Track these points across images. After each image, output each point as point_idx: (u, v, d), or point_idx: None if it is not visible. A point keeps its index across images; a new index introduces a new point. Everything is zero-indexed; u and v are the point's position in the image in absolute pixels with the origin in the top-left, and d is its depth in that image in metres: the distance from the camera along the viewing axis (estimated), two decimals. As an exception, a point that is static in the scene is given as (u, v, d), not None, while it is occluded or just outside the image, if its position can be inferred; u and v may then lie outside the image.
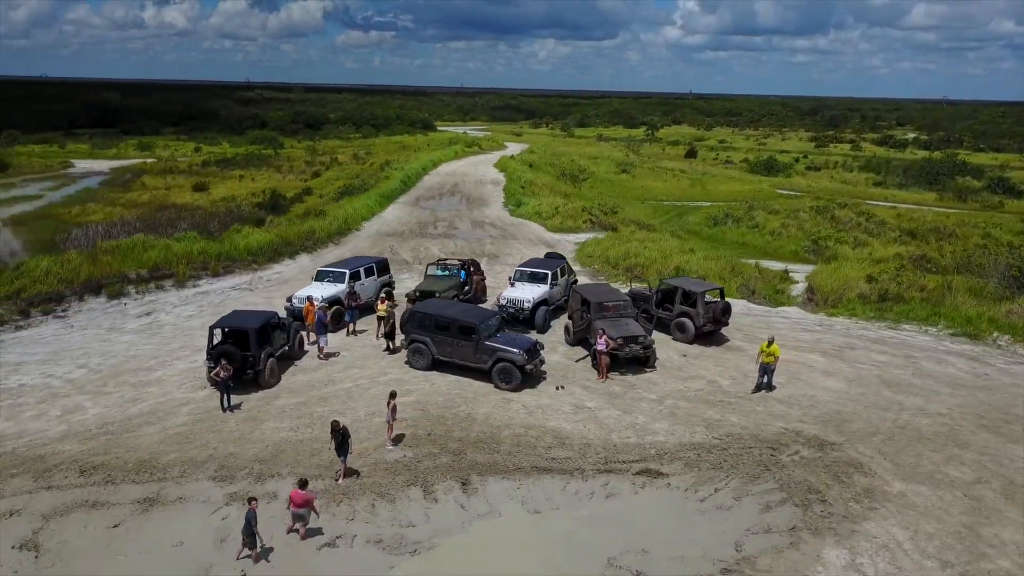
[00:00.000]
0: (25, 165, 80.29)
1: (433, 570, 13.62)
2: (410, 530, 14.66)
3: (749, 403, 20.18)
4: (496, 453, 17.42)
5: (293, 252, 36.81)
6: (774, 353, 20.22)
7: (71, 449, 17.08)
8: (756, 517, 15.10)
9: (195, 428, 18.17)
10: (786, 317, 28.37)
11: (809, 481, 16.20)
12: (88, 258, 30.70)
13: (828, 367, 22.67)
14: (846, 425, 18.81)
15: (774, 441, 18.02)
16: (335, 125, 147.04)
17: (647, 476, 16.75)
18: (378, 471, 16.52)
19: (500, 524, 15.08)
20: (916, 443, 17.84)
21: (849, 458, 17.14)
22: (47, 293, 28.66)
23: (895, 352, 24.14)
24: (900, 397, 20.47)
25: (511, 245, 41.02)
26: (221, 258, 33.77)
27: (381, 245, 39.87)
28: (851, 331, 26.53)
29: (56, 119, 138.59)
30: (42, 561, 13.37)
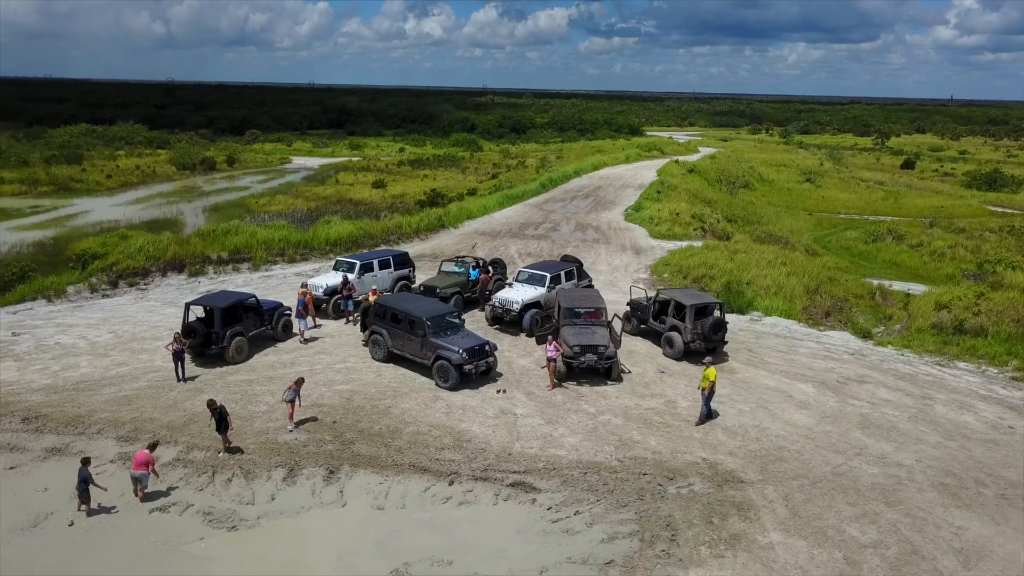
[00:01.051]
0: (250, 160, 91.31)
1: (233, 548, 14.06)
2: (246, 508, 15.19)
3: (689, 428, 18.52)
4: (385, 448, 17.47)
5: (373, 244, 38.61)
6: (708, 377, 18.37)
7: (33, 400, 19.43)
8: (591, 546, 14.03)
9: (142, 393, 19.94)
10: (819, 342, 25.42)
11: (673, 517, 14.69)
12: (177, 239, 34.33)
13: (810, 399, 20.13)
14: (775, 464, 16.72)
15: (677, 471, 16.47)
16: (539, 129, 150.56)
17: (519, 488, 16.05)
18: (262, 450, 17.21)
19: (335, 515, 15.21)
20: (838, 493, 15.49)
21: (743, 499, 15.27)
22: (136, 268, 32.49)
23: (911, 391, 20.87)
24: (868, 441, 17.78)
25: (596, 249, 40.12)
26: (300, 246, 36.29)
27: (465, 243, 40.67)
28: (883, 363, 23.26)
29: (298, 120, 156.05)
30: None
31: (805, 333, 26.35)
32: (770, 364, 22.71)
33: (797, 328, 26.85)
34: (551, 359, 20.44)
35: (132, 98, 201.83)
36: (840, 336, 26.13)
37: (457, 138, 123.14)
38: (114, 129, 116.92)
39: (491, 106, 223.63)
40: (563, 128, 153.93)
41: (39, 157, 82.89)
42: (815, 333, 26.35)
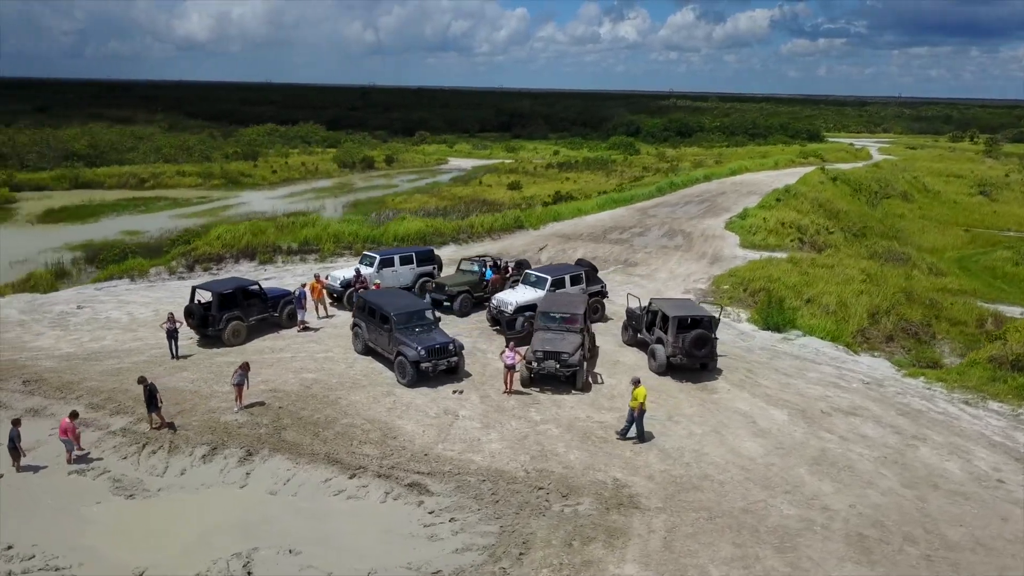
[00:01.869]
0: (409, 161, 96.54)
1: (117, 514, 15.06)
2: (154, 479, 16.24)
3: (622, 446, 17.52)
4: (312, 437, 17.94)
5: (441, 242, 39.40)
6: (636, 397, 17.25)
7: (44, 365, 21.76)
8: (439, 554, 13.78)
9: (134, 367, 21.67)
10: (838, 368, 23.05)
11: (535, 536, 14.06)
12: (253, 229, 36.86)
13: (774, 428, 18.36)
14: (686, 493, 15.50)
15: (576, 488, 15.70)
16: (707, 133, 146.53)
17: (413, 489, 15.99)
18: (200, 427, 18.24)
19: (227, 495, 15.88)
20: (730, 532, 14.13)
21: (622, 526, 14.32)
22: (212, 254, 35.26)
23: (904, 429, 18.47)
24: (809, 479, 16.00)
25: (669, 256, 38.61)
26: (368, 240, 37.73)
27: (536, 245, 40.49)
28: (896, 396, 20.74)
29: (470, 123, 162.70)
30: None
31: (832, 357, 23.95)
32: (759, 387, 20.92)
33: (827, 351, 24.46)
34: (508, 366, 19.97)
35: (330, 101, 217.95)
36: (871, 363, 23.55)
37: (615, 141, 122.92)
38: (295, 129, 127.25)
39: (670, 109, 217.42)
40: (733, 132, 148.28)
41: (221, 154, 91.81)
42: (843, 358, 23.93)
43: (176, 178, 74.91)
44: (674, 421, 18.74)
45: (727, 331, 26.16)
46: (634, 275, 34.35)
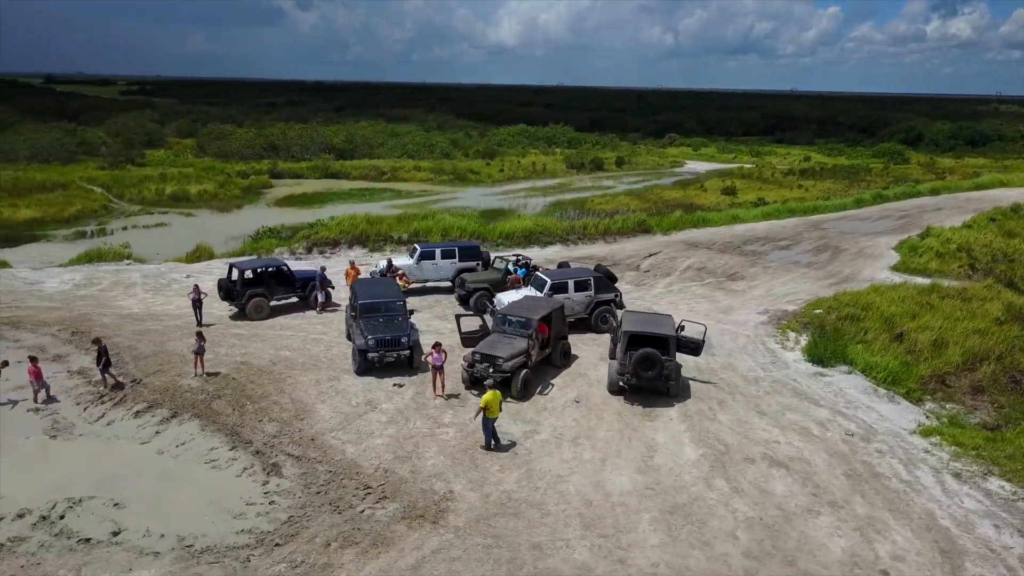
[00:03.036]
0: (641, 163, 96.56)
1: (29, 449, 17.39)
2: (85, 425, 18.54)
3: (490, 460, 16.68)
4: (232, 409, 19.24)
5: (547, 241, 39.13)
6: (484, 403, 16.23)
7: (103, 321, 25.47)
8: (226, 531, 14.26)
9: (160, 328, 24.67)
10: (841, 412, 19.41)
11: (309, 531, 14.08)
12: (370, 219, 39.46)
13: (666, 466, 16.20)
14: (498, 518, 14.46)
15: (399, 493, 15.39)
16: (1006, 143, 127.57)
17: (271, 469, 16.65)
18: (155, 387, 20.40)
19: (124, 447, 17.62)
20: (496, 565, 12.94)
21: (396, 537, 13.83)
22: (330, 238, 38.43)
23: (826, 494, 15.26)
24: (645, 527, 14.04)
25: (788, 274, 34.77)
26: (474, 236, 38.62)
27: (646, 251, 38.62)
28: (867, 455, 17.07)
29: (733, 125, 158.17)
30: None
31: (850, 400, 20.24)
32: (708, 421, 18.45)
33: (856, 393, 20.70)
34: (435, 367, 19.63)
35: (604, 103, 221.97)
36: (899, 412, 19.53)
37: (883, 148, 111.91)
38: (544, 130, 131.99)
39: (990, 115, 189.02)
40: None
41: (462, 152, 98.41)
42: (866, 403, 20.11)
43: (411, 172, 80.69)
44: (575, 443, 17.26)
45: (760, 357, 23.26)
46: (723, 290, 31.47)
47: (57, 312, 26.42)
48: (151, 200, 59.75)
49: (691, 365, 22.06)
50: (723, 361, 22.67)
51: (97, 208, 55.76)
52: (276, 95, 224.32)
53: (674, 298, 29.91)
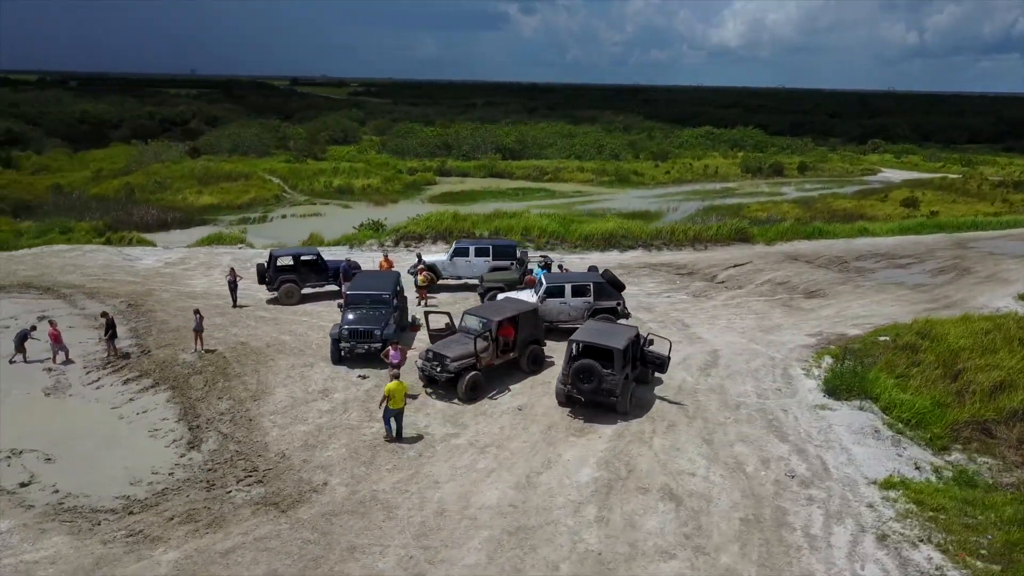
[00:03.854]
0: (829, 170, 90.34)
1: (25, 403, 19.55)
2: (80, 387, 20.55)
3: (388, 458, 16.55)
4: (204, 385, 20.55)
5: (628, 245, 37.73)
6: (386, 393, 16.21)
7: (161, 296, 28.12)
8: (113, 492, 15.36)
9: (183, 304, 26.67)
10: (816, 450, 17.01)
11: (165, 504, 14.78)
12: (455, 216, 40.14)
13: (548, 485, 15.07)
14: (341, 516, 14.34)
15: (277, 479, 15.74)
16: None
17: (193, 443, 17.58)
18: (155, 359, 22.29)
19: (94, 408, 19.36)
20: (283, 558, 12.91)
21: (225, 517, 14.13)
22: (416, 233, 39.65)
23: (696, 538, 13.49)
24: (470, 545, 13.25)
25: (879, 295, 30.86)
26: (554, 236, 38.17)
27: (735, 261, 36.00)
28: (787, 500, 14.83)
29: (956, 132, 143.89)
30: None
31: (830, 438, 17.66)
32: (638, 445, 16.96)
33: (844, 433, 17.95)
34: (393, 364, 19.63)
35: (818, 106, 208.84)
36: (871, 455, 16.80)
37: None
38: (729, 132, 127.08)
39: None
40: None
41: (632, 153, 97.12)
42: (845, 443, 17.45)
43: (573, 173, 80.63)
44: (482, 451, 16.65)
45: (768, 382, 21.02)
46: (787, 307, 28.66)
47: (131, 286, 29.50)
48: (319, 192, 64.19)
49: (675, 383, 20.39)
50: (716, 382, 20.68)
51: (269, 197, 60.90)
52: (486, 96, 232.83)
53: (722, 312, 27.68)
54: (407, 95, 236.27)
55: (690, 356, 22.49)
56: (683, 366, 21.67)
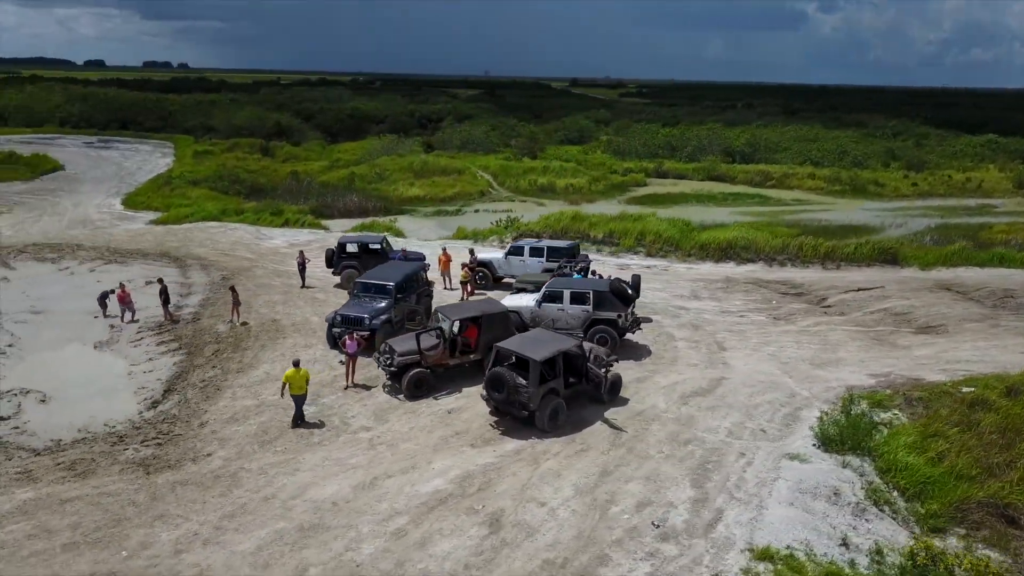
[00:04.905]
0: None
1: (74, 351, 22.86)
2: (121, 344, 23.61)
3: (284, 442, 17.03)
4: (212, 355, 22.47)
5: (746, 258, 34.40)
6: (288, 380, 17.07)
7: (255, 273, 31.02)
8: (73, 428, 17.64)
9: (275, 284, 29.07)
10: (744, 495, 14.58)
11: (74, 452, 16.56)
12: (574, 216, 39.33)
13: (391, 493, 14.48)
14: (185, 488, 15.09)
15: (175, 446, 16.92)
16: None
17: (160, 402, 19.53)
18: (198, 327, 24.79)
19: (116, 362, 22.19)
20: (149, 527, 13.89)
21: (90, 472, 15.49)
22: (532, 231, 39.58)
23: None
24: (275, 538, 13.28)
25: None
26: (667, 243, 35.97)
27: (866, 283, 31.38)
28: (656, 551, 12.78)
29: None
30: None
31: (763, 495, 14.86)
32: (521, 465, 15.58)
33: (790, 493, 14.88)
34: (349, 353, 19.97)
35: None
36: (791, 520, 13.95)
37: None
38: (1020, 141, 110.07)
39: None
40: None
41: (880, 161, 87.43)
42: (779, 500, 14.66)
43: (802, 180, 74.25)
44: (370, 447, 16.51)
45: (757, 419, 18.22)
46: (875, 341, 24.50)
47: (241, 262, 32.89)
48: (522, 189, 64.81)
49: (641, 407, 18.46)
50: (689, 412, 18.33)
51: (474, 192, 62.29)
52: (767, 98, 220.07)
53: (785, 338, 24.32)
54: (677, 96, 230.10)
55: (685, 381, 20.16)
56: (667, 390, 19.51)
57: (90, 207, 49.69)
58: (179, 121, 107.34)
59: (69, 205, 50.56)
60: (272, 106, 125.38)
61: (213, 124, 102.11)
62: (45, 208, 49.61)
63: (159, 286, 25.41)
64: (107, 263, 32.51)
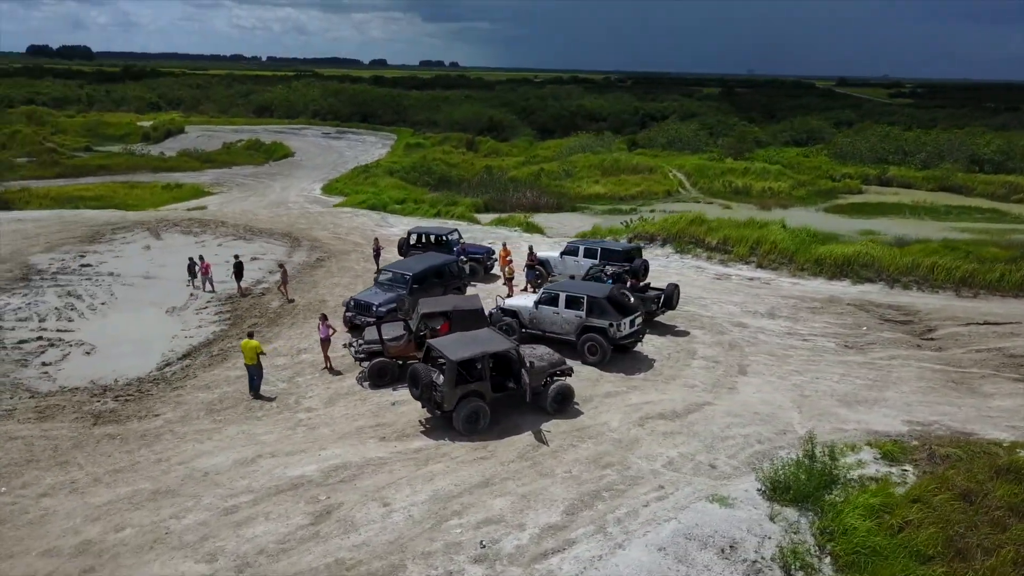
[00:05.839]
0: None
1: (147, 313, 25.86)
2: (188, 311, 26.19)
3: (237, 415, 18.03)
4: (249, 326, 24.22)
5: (865, 277, 30.24)
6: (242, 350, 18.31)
7: (346, 252, 32.94)
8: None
9: (355, 268, 30.66)
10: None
11: (51, 402, 18.86)
12: (691, 219, 36.97)
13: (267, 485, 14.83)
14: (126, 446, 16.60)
15: (139, 403, 18.63)
16: None
17: (185, 357, 21.68)
18: (254, 300, 26.90)
19: (172, 327, 24.65)
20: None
21: (46, 414, 17.47)
22: (648, 233, 37.86)
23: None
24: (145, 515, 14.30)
25: None
26: (782, 255, 32.72)
27: (984, 318, 26.43)
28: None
29: None
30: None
31: (652, 539, 13.29)
32: (405, 466, 15.25)
33: (666, 537, 13.44)
34: (320, 338, 20.47)
35: None
36: (643, 562, 12.27)
37: None
38: None
39: None
40: None
41: None
42: (670, 554, 12.99)
43: None
44: (293, 428, 16.98)
45: (721, 455, 16.37)
46: (966, 387, 20.59)
47: (346, 245, 35.02)
48: (715, 191, 60.38)
49: (593, 423, 17.17)
50: (638, 435, 16.59)
51: (660, 192, 58.84)
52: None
53: (834, 370, 21.06)
54: (955, 98, 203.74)
55: (659, 402, 18.32)
56: (631, 409, 17.88)
57: (293, 191, 54.94)
58: (410, 115, 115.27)
59: (278, 188, 56.44)
60: (496, 103, 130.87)
61: (436, 119, 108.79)
62: (256, 189, 55.86)
63: (235, 260, 27.71)
64: (236, 239, 36.06)
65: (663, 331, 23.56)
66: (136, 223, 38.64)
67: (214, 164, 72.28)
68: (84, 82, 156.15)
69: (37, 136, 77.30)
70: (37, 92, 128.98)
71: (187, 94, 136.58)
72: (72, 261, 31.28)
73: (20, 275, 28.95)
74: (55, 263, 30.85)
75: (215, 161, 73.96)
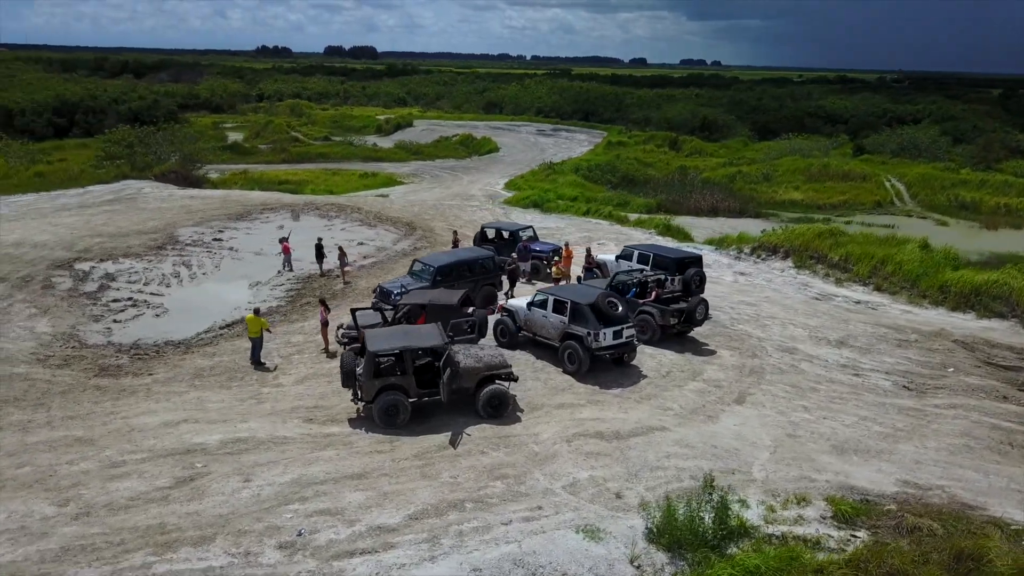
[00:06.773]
0: None
1: (221, 284, 28.59)
2: (260, 286, 28.51)
3: (229, 395, 19.33)
4: (301, 306, 26.08)
5: (993, 310, 25.54)
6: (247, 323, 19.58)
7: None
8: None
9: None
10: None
11: (39, 383, 21.51)
12: (819, 233, 33.32)
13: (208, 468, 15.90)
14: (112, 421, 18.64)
15: (145, 364, 20.75)
16: None
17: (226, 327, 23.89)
18: (325, 281, 28.60)
19: (239, 298, 27.08)
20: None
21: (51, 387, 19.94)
22: (771, 244, 34.87)
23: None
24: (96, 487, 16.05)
25: None
26: (909, 277, 28.58)
27: None
28: None
29: None
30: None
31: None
32: (302, 450, 15.50)
33: (517, 571, 12.48)
34: (321, 322, 21.21)
35: None
36: None
37: None
38: None
39: None
40: None
41: None
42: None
43: None
44: (243, 401, 17.95)
45: (638, 484, 15.01)
46: (1001, 443, 17.08)
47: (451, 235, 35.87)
48: (936, 205, 52.76)
49: (522, 437, 16.37)
50: (557, 451, 15.48)
51: (868, 202, 52.89)
52: None
53: (865, 412, 17.99)
54: None
55: (607, 420, 16.88)
56: (571, 424, 16.67)
57: (479, 185, 55.57)
58: (629, 114, 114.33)
59: (465, 181, 58.11)
60: (723, 102, 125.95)
61: (652, 117, 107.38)
62: (445, 181, 57.89)
63: (317, 243, 29.43)
64: (360, 224, 38.36)
65: (687, 347, 21.67)
66: (284, 205, 42.35)
67: (421, 156, 74.39)
68: (344, 79, 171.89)
69: (286, 127, 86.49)
70: (304, 87, 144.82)
71: (432, 91, 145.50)
72: (208, 235, 35.01)
73: (159, 244, 32.90)
74: (194, 236, 34.73)
75: (422, 153, 76.06)
